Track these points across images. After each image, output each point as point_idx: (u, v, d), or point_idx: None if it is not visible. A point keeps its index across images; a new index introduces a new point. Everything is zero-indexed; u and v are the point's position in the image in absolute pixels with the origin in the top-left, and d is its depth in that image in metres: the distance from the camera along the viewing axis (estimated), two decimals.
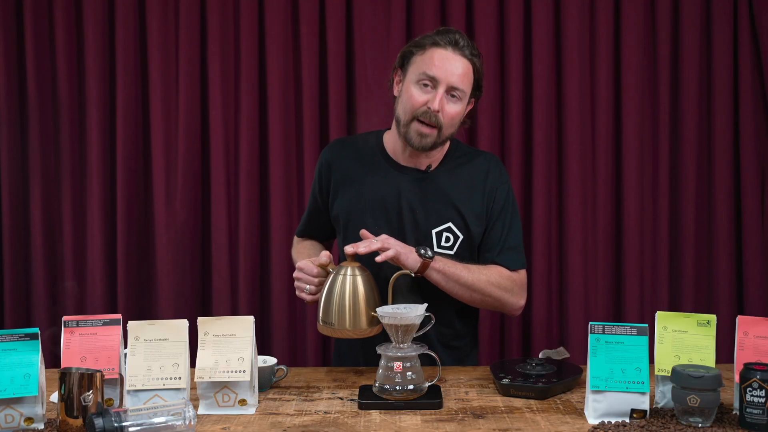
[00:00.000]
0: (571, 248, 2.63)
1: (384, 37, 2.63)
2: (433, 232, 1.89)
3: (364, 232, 1.81)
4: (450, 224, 1.90)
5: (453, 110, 1.83)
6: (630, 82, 2.62)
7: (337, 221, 2.00)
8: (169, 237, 2.63)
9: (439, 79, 1.80)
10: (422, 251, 1.76)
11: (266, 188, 2.67)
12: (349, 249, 1.73)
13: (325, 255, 1.78)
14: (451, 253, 1.89)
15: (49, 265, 2.66)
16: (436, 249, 1.88)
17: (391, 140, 1.97)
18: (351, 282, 1.70)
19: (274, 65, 2.63)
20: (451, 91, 1.82)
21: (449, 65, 1.81)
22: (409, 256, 1.77)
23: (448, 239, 1.90)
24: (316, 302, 1.77)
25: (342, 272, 1.71)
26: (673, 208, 2.67)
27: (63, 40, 2.61)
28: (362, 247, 1.72)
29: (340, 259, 2.05)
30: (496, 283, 1.86)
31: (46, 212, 2.65)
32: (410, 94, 1.83)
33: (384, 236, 1.79)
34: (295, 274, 1.81)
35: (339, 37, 2.62)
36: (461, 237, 1.90)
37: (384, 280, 1.76)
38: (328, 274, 1.76)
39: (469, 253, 1.92)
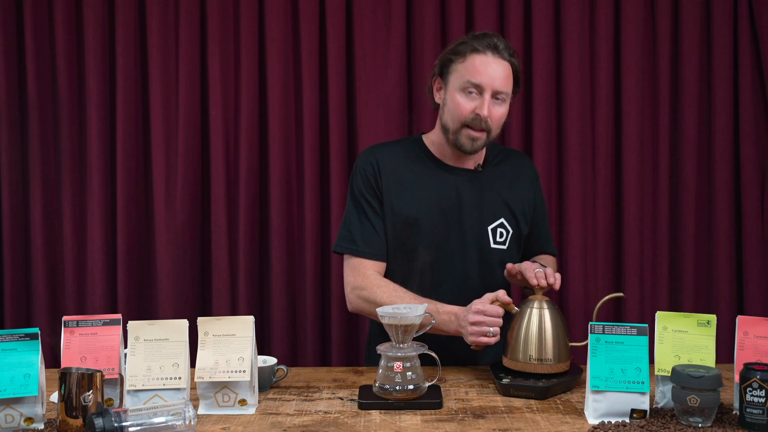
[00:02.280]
0: (571, 248, 2.63)
1: (384, 37, 2.63)
2: (489, 228, 1.97)
3: (511, 266, 1.84)
4: (502, 220, 1.99)
5: (499, 113, 1.91)
6: (630, 82, 2.62)
7: (393, 224, 1.95)
8: (169, 237, 2.63)
9: (484, 86, 1.86)
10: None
11: (266, 188, 2.67)
12: (542, 281, 1.75)
13: (503, 292, 1.76)
14: (504, 247, 1.98)
15: (49, 265, 2.65)
16: (492, 245, 1.97)
17: (436, 143, 2.02)
18: (551, 315, 1.71)
19: (274, 65, 2.62)
20: (496, 95, 1.88)
21: (491, 71, 1.86)
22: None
23: (501, 234, 1.98)
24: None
25: (540, 306, 1.72)
26: (673, 208, 2.67)
27: (63, 40, 2.61)
28: (552, 278, 1.76)
29: (394, 274, 2.00)
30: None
31: (46, 212, 2.64)
32: (457, 103, 1.88)
33: (528, 263, 1.83)
34: (475, 317, 1.72)
35: (339, 37, 2.62)
36: (511, 231, 2.00)
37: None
38: (508, 311, 1.75)
39: (516, 247, 2.03)
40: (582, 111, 2.63)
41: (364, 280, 1.92)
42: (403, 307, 1.63)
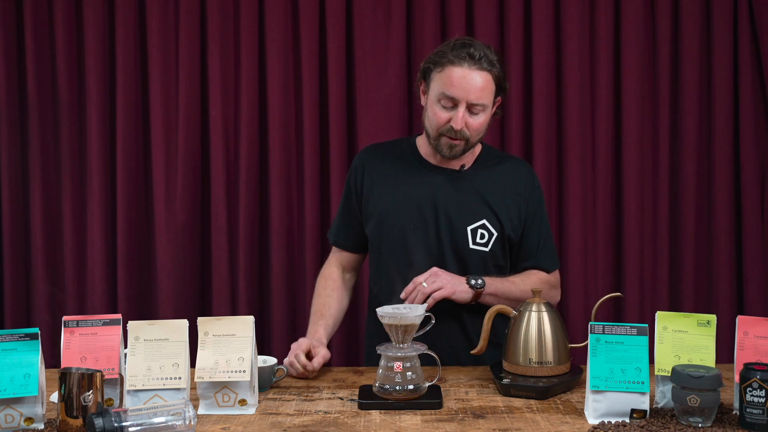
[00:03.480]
0: (571, 248, 2.63)
1: (384, 37, 2.63)
2: (468, 229, 1.94)
3: (416, 279, 1.83)
4: (484, 221, 1.94)
5: (476, 122, 1.89)
6: (630, 82, 2.62)
7: (369, 221, 2.01)
8: (169, 237, 2.63)
9: (458, 98, 1.85)
10: (473, 282, 1.83)
11: (266, 188, 2.67)
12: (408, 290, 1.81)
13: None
14: (486, 249, 1.94)
15: (49, 265, 2.65)
16: (471, 246, 1.93)
17: (423, 144, 2.02)
18: (549, 318, 1.70)
19: (274, 65, 2.63)
20: (471, 107, 1.86)
21: (466, 83, 1.84)
22: (459, 288, 1.83)
23: (482, 236, 1.94)
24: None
25: (538, 309, 1.71)
26: (673, 208, 2.67)
27: (63, 40, 2.61)
28: (426, 285, 1.78)
29: (375, 270, 2.05)
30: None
31: (46, 212, 2.64)
32: (434, 113, 1.90)
33: (435, 269, 1.84)
34: (289, 361, 1.81)
35: (339, 37, 2.62)
36: (495, 234, 1.95)
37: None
38: (506, 315, 1.74)
39: (502, 251, 1.98)
40: (582, 111, 2.63)
41: (325, 268, 2.12)
42: (403, 307, 1.63)
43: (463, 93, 1.84)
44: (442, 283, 1.81)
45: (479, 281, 1.84)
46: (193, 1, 2.62)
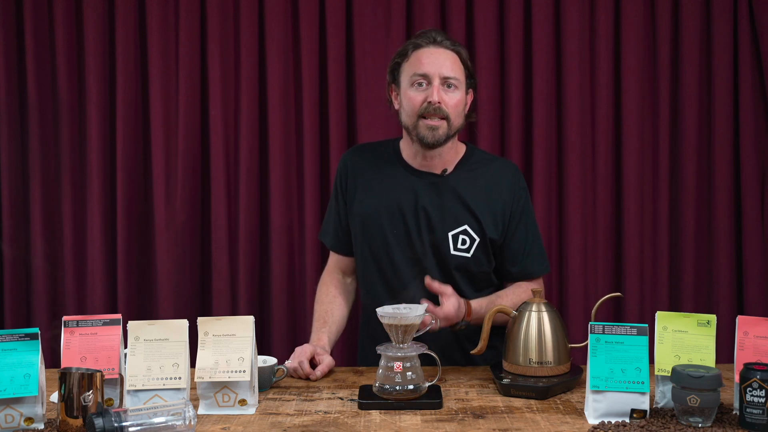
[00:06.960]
0: (571, 248, 2.63)
1: (384, 37, 2.63)
2: (450, 234, 1.92)
3: (429, 282, 1.82)
4: (466, 227, 1.92)
5: (454, 99, 1.88)
6: (630, 82, 2.62)
7: (353, 224, 2.01)
8: (169, 237, 2.63)
9: (430, 74, 1.86)
10: (458, 326, 1.83)
11: (266, 188, 2.67)
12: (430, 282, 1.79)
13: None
14: (468, 255, 1.92)
15: (49, 265, 2.65)
16: (452, 252, 1.92)
17: (406, 147, 2.00)
18: (549, 318, 1.70)
19: (274, 65, 2.63)
20: (445, 81, 1.87)
21: (435, 59, 1.87)
22: (447, 323, 1.81)
23: (464, 242, 1.92)
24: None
25: (538, 309, 1.70)
26: (673, 208, 2.67)
27: (63, 40, 2.61)
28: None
29: (360, 273, 2.06)
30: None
31: (46, 212, 2.64)
32: (409, 98, 1.89)
33: (452, 291, 1.81)
34: (293, 366, 1.81)
35: (339, 37, 2.63)
36: (477, 240, 1.92)
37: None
38: (506, 314, 1.74)
39: (485, 256, 1.95)
40: (582, 111, 2.63)
41: (326, 274, 2.12)
42: (402, 307, 1.63)
43: (434, 68, 1.86)
44: (446, 313, 1.78)
45: (462, 324, 1.83)
46: (193, 1, 2.62)
